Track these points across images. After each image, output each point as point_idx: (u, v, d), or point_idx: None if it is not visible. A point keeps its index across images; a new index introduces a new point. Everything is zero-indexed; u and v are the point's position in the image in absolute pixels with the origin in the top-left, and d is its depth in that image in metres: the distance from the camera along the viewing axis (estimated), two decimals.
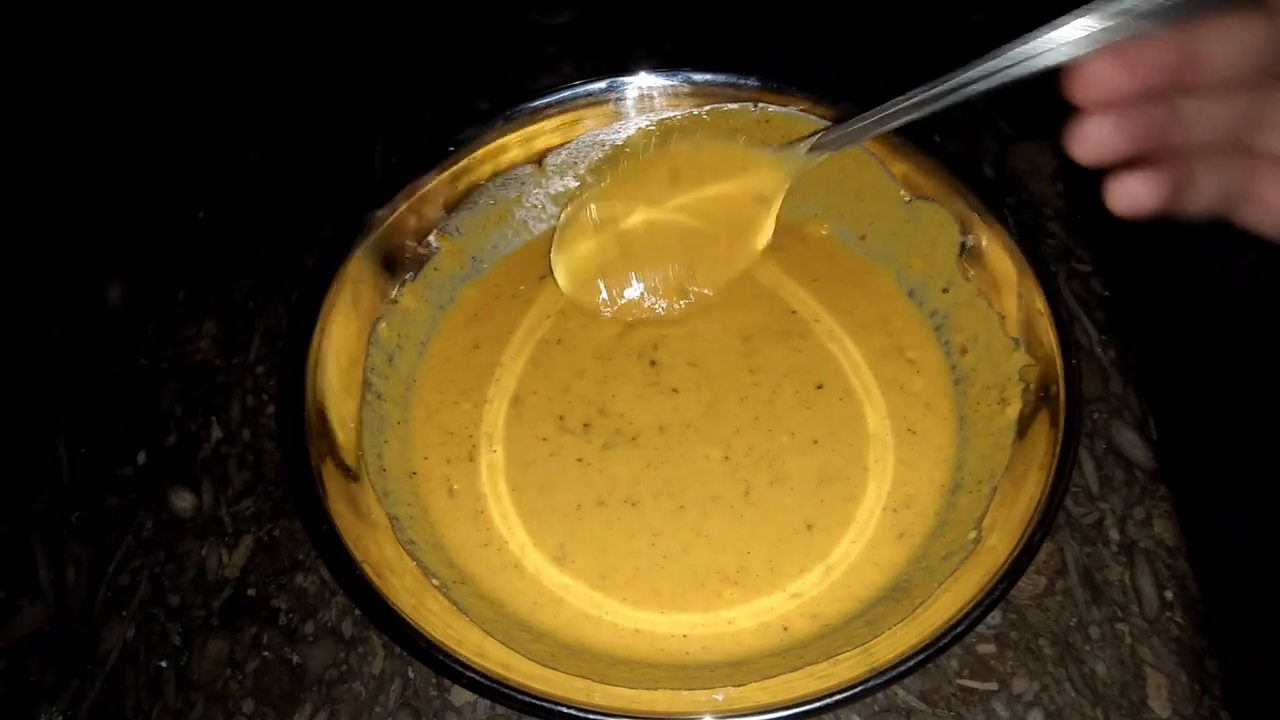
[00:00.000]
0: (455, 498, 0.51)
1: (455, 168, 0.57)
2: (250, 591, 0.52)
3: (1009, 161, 0.67)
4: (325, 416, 0.48)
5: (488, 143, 0.57)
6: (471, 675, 0.39)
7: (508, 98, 0.59)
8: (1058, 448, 0.44)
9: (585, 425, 0.52)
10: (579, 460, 0.51)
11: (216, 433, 0.58)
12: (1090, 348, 0.58)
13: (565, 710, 0.39)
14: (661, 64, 0.59)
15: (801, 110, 0.57)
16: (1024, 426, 0.47)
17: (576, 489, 0.51)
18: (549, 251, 0.60)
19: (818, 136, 0.53)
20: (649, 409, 0.53)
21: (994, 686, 0.48)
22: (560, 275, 0.57)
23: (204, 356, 0.61)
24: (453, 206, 0.58)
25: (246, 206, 0.69)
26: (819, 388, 0.54)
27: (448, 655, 0.40)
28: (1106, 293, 0.60)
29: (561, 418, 0.53)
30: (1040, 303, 0.48)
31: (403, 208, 0.55)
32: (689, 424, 0.53)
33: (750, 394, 0.53)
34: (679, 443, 0.52)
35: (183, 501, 0.55)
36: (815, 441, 0.52)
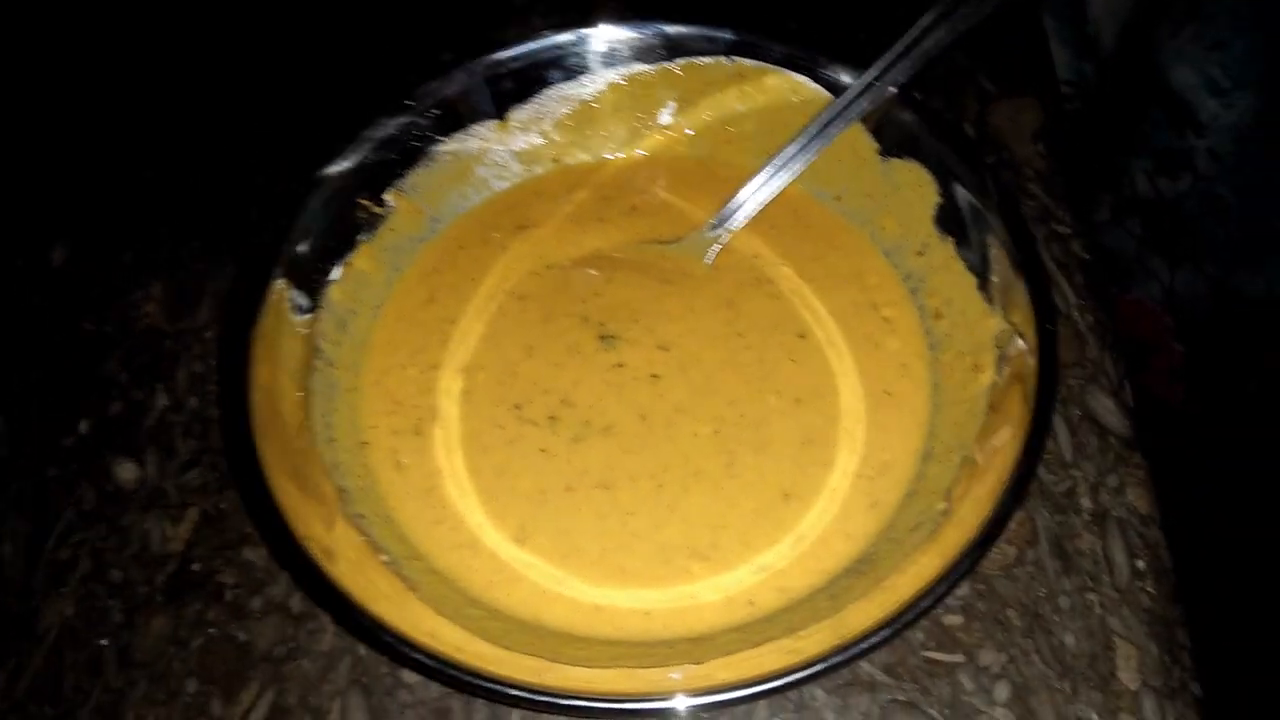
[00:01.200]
0: (404, 472, 0.49)
1: (412, 122, 0.54)
2: (195, 566, 0.50)
3: (990, 120, 0.65)
4: (271, 385, 0.46)
5: (448, 96, 0.55)
6: (417, 656, 0.38)
7: (471, 50, 0.56)
8: (1031, 417, 0.42)
9: (551, 418, 0.50)
10: (543, 450, 0.49)
11: (162, 400, 0.56)
12: (1068, 312, 0.57)
13: (510, 691, 0.37)
14: (632, 16, 0.56)
15: (776, 64, 0.55)
16: (997, 394, 0.46)
17: (541, 476, 0.48)
18: (513, 207, 0.58)
19: (717, 216, 0.55)
20: (623, 399, 0.51)
21: (960, 659, 0.47)
22: None
23: (151, 321, 0.59)
24: (410, 164, 0.55)
25: (196, 164, 0.66)
26: (801, 336, 0.52)
27: (392, 634, 0.38)
28: (1086, 256, 0.59)
29: (518, 407, 0.50)
30: (1017, 267, 0.47)
31: (355, 165, 0.53)
32: (678, 408, 0.50)
33: (742, 357, 0.52)
34: (665, 426, 0.50)
35: (126, 472, 0.53)
36: (798, 400, 0.50)
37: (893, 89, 0.51)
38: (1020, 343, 0.45)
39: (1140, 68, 0.79)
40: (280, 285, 0.49)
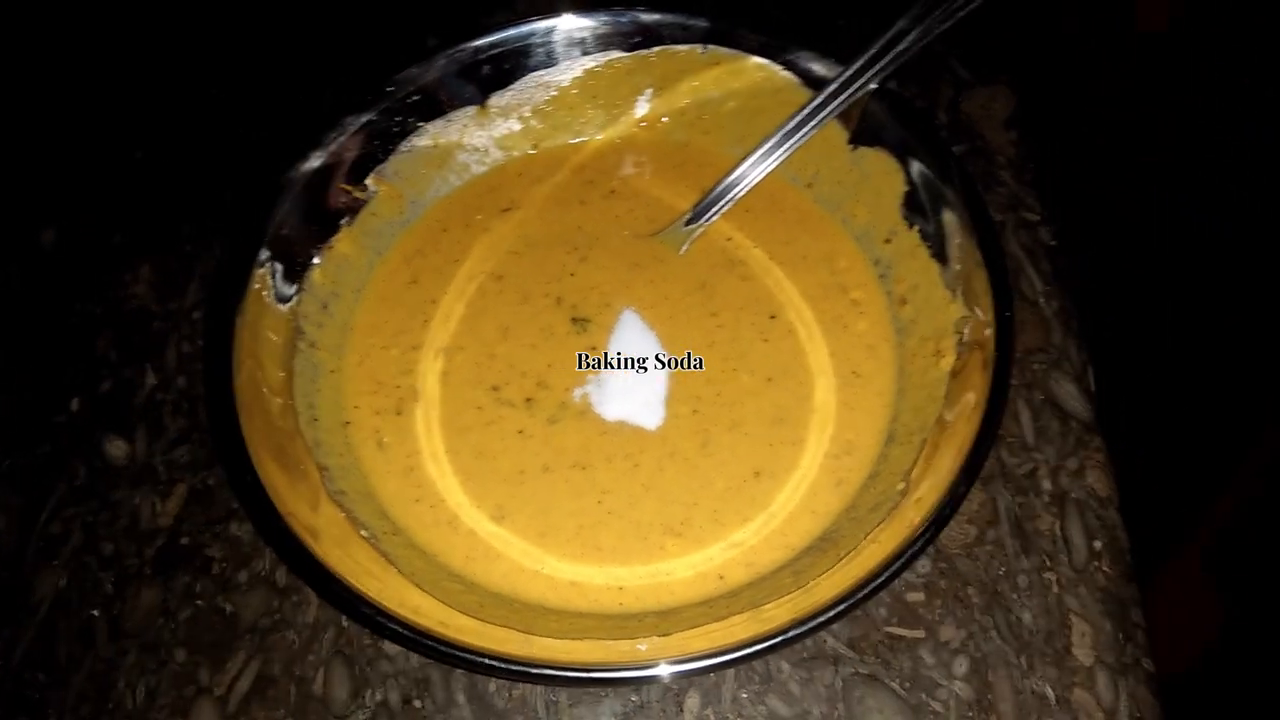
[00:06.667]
0: (385, 451, 0.50)
1: (394, 109, 0.55)
2: (184, 540, 0.52)
3: (964, 107, 0.66)
4: (254, 366, 0.48)
5: (428, 83, 0.56)
6: (395, 628, 0.39)
7: (452, 37, 0.57)
8: (986, 403, 0.44)
9: (528, 400, 0.51)
10: (520, 432, 0.51)
11: (151, 379, 0.57)
12: (1034, 298, 0.58)
13: (485, 662, 0.39)
14: (610, 3, 0.57)
15: (751, 52, 0.56)
16: (957, 380, 0.47)
17: (520, 457, 0.50)
18: (493, 190, 0.59)
19: (693, 211, 0.56)
20: None
21: (921, 634, 0.49)
22: None
23: (140, 301, 0.60)
24: (391, 149, 0.56)
25: (185, 146, 0.67)
26: (772, 318, 0.54)
27: (372, 607, 0.40)
28: (1054, 243, 0.60)
29: (495, 388, 0.52)
30: (979, 255, 0.48)
31: (338, 151, 0.54)
32: None
33: (717, 337, 0.53)
34: None
35: (116, 449, 0.55)
36: (769, 379, 0.52)
37: (870, 87, 0.52)
38: (980, 329, 0.47)
39: None
40: (263, 271, 0.50)
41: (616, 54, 0.58)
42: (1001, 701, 0.47)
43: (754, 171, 0.54)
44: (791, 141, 0.53)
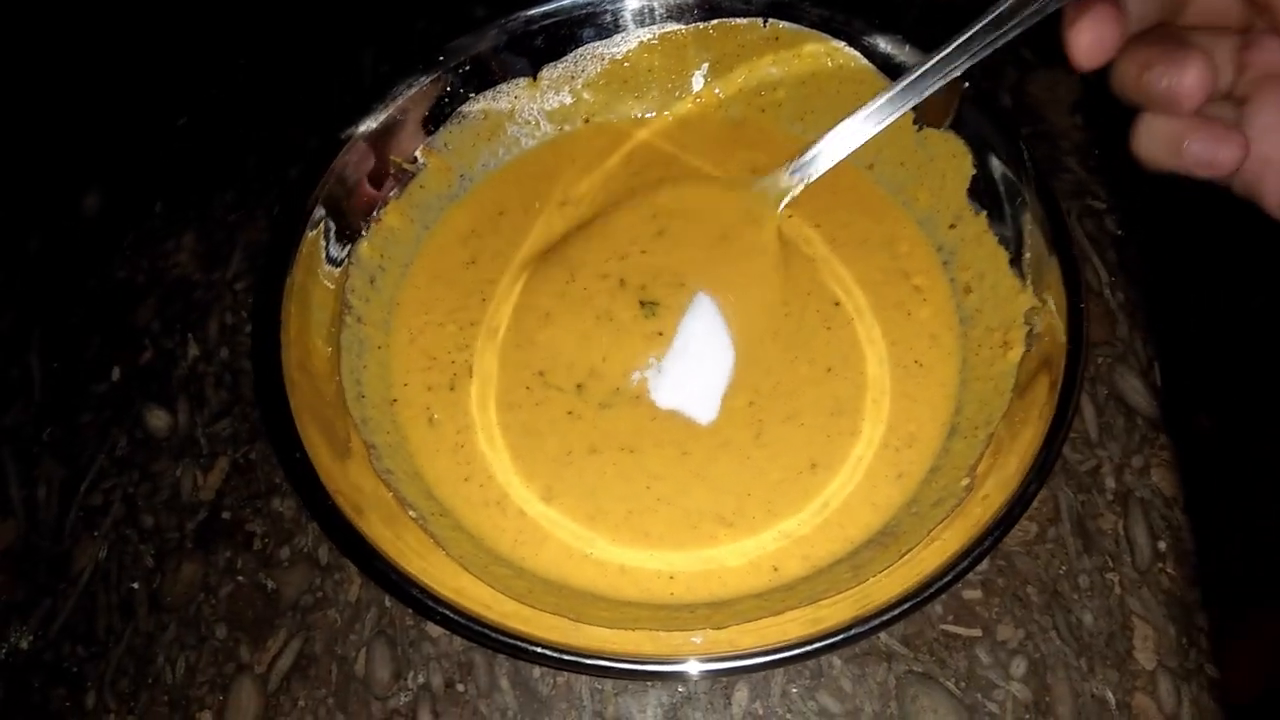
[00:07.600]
0: (435, 428, 0.49)
1: (445, 79, 0.54)
2: (225, 514, 0.51)
3: (1029, 90, 0.64)
4: (302, 340, 0.47)
5: (480, 53, 0.54)
6: (443, 611, 0.38)
7: (504, 5, 0.55)
8: (1057, 398, 0.42)
9: (578, 386, 0.50)
10: (569, 413, 0.49)
11: (193, 350, 0.56)
12: (1099, 289, 0.56)
13: (535, 650, 0.38)
14: None
15: (813, 27, 0.54)
16: (1025, 372, 0.46)
17: (567, 437, 0.49)
18: (544, 167, 0.57)
19: (797, 160, 0.50)
20: None
21: (978, 633, 0.47)
22: None
23: (182, 271, 0.59)
24: (441, 121, 0.55)
25: (229, 114, 0.66)
26: (836, 304, 0.52)
27: (420, 589, 0.39)
28: (1120, 232, 0.58)
29: (542, 373, 0.50)
30: (1050, 245, 0.46)
31: (387, 121, 0.52)
32: None
33: (783, 326, 0.51)
34: None
35: (158, 420, 0.54)
36: (829, 369, 0.50)
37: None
38: (1050, 321, 0.45)
39: None
40: (312, 237, 0.49)
41: (673, 26, 0.56)
42: (1060, 704, 0.46)
43: (861, 132, 0.48)
44: (908, 100, 0.46)
